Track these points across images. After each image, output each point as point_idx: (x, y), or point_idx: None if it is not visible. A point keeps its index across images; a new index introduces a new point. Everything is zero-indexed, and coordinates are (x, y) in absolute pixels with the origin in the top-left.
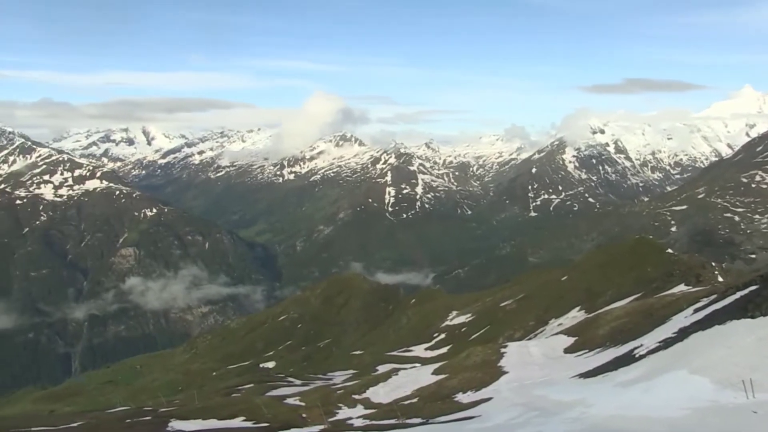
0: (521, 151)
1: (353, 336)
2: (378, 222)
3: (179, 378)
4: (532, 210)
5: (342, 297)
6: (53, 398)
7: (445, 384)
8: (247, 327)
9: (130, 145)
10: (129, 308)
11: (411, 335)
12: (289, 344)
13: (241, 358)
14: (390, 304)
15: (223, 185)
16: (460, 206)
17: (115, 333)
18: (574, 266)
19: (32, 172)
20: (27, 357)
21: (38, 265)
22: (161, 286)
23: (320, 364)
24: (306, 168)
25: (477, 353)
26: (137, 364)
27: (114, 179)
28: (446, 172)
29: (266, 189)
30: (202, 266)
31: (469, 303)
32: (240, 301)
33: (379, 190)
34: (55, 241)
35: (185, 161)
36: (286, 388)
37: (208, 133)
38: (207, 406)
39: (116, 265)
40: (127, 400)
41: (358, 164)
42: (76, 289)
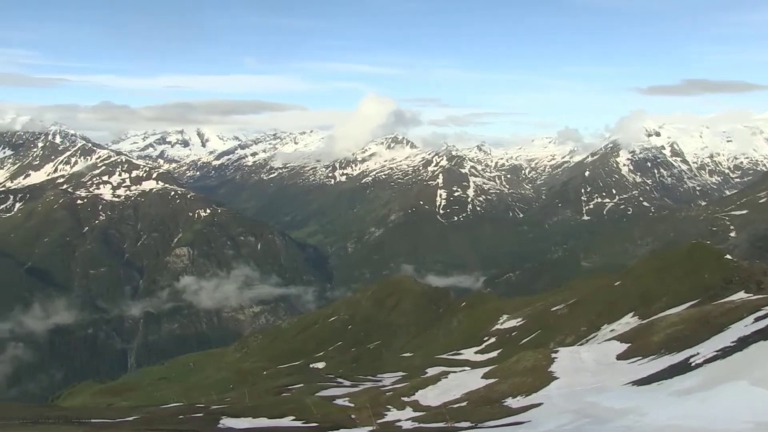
0: (574, 153)
1: (403, 338)
2: (429, 224)
3: (230, 376)
4: (584, 214)
5: (392, 299)
6: (111, 392)
7: (494, 388)
8: (297, 327)
9: (185, 146)
10: (183, 307)
11: (461, 338)
12: (339, 345)
13: (291, 358)
14: (440, 307)
15: (275, 187)
16: (512, 209)
17: (169, 331)
18: (628, 271)
19: (92, 173)
20: (86, 352)
21: (97, 263)
22: (214, 286)
23: (370, 366)
24: (358, 170)
25: (527, 358)
26: (190, 361)
27: (169, 180)
28: (498, 174)
29: (318, 190)
30: (254, 266)
31: (519, 307)
32: (291, 302)
33: (431, 193)
34: (113, 240)
35: (239, 163)
36: (335, 388)
37: (262, 135)
38: (257, 405)
39: (171, 264)
40: (180, 397)
41: (409, 166)
42: (132, 287)
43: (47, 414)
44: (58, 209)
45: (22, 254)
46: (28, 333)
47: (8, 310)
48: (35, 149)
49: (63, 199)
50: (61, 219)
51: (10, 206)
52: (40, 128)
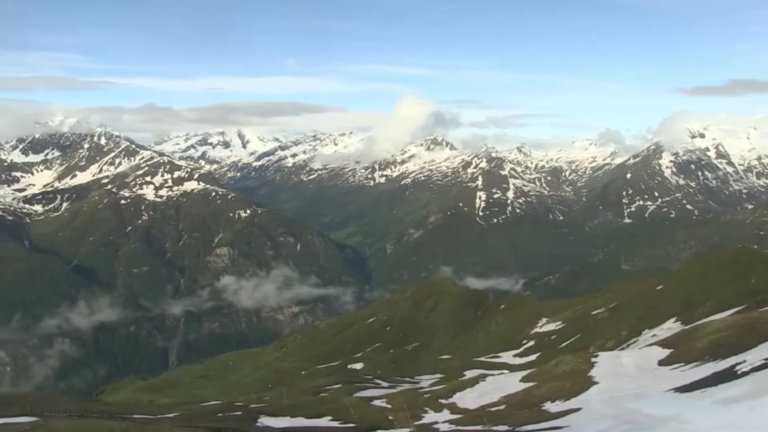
0: (615, 155)
1: (441, 340)
2: (468, 226)
3: (269, 376)
4: (626, 216)
5: (431, 301)
6: (152, 389)
7: (533, 392)
8: (336, 328)
9: (226, 148)
10: (223, 306)
11: (499, 341)
12: (377, 346)
13: (329, 359)
14: (479, 309)
15: (315, 188)
16: (552, 211)
17: (209, 329)
18: (671, 275)
19: (135, 174)
20: (129, 349)
21: (140, 262)
22: (254, 286)
23: (407, 367)
24: (397, 171)
25: (566, 362)
26: (229, 360)
27: (210, 181)
28: (538, 176)
29: (357, 192)
30: (293, 267)
31: (559, 310)
32: (330, 302)
33: (470, 195)
34: (156, 239)
35: (279, 164)
36: (373, 389)
37: (301, 136)
38: (295, 405)
39: (211, 263)
40: (219, 395)
41: (449, 168)
42: (173, 286)
43: (92, 408)
44: (102, 209)
45: (69, 252)
46: (74, 329)
47: (55, 306)
48: (81, 150)
49: (107, 199)
50: (105, 218)
51: (57, 206)
52: (86, 130)
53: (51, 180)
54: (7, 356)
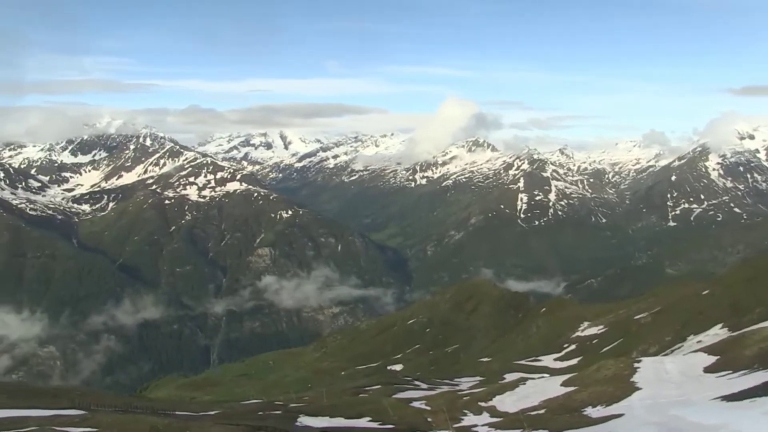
0: (660, 157)
1: (481, 342)
2: (509, 228)
3: (309, 375)
4: (670, 219)
5: (471, 303)
6: (194, 386)
7: (574, 397)
8: (376, 329)
9: (268, 149)
10: (264, 306)
11: (540, 344)
12: (417, 348)
13: (369, 359)
14: (519, 312)
15: (356, 189)
16: (594, 214)
17: (250, 329)
18: (717, 280)
19: (179, 174)
20: (172, 346)
21: (183, 262)
22: (295, 286)
23: (447, 369)
24: (438, 173)
25: (608, 367)
26: (270, 359)
27: (253, 182)
28: (580, 178)
29: (398, 193)
30: (334, 267)
31: (601, 314)
32: (370, 303)
33: (511, 196)
34: (198, 239)
35: (320, 165)
36: (412, 391)
37: (343, 137)
38: (335, 405)
39: (253, 263)
40: (259, 394)
41: (490, 170)
42: (215, 286)
43: (135, 404)
44: (147, 209)
45: (115, 251)
46: (119, 326)
47: (102, 304)
48: (127, 151)
49: (152, 199)
50: (149, 218)
51: (104, 205)
52: (132, 131)
53: (98, 180)
54: (57, 351)
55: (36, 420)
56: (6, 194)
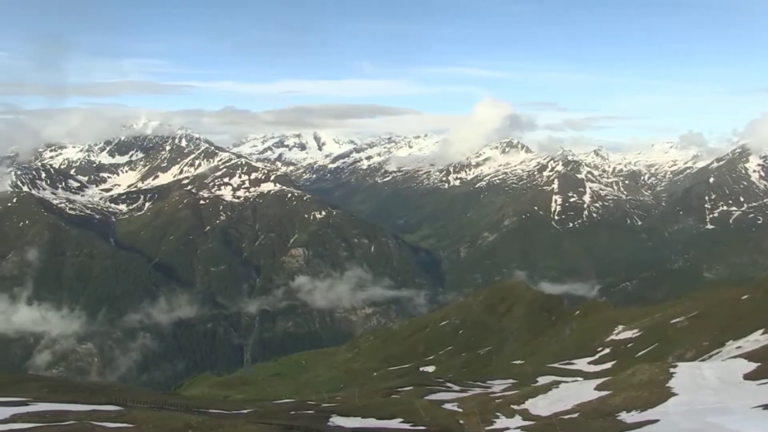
0: (698, 159)
1: (514, 345)
2: (543, 230)
3: (341, 375)
4: (708, 222)
5: (504, 305)
6: (227, 385)
7: (608, 401)
8: (409, 330)
9: (302, 150)
10: (297, 306)
11: (573, 348)
12: (449, 349)
13: (401, 360)
14: (553, 315)
15: (389, 190)
16: (630, 216)
17: (283, 328)
18: (758, 284)
19: (214, 175)
20: (206, 345)
21: (217, 261)
22: (328, 286)
23: (479, 371)
24: (472, 174)
25: (644, 371)
26: (303, 359)
27: (286, 182)
28: (615, 180)
29: (432, 194)
30: (367, 268)
31: (636, 318)
32: (403, 304)
33: (545, 198)
34: (233, 239)
35: (354, 166)
36: (444, 393)
37: (376, 138)
38: (367, 405)
39: (286, 264)
40: (291, 393)
41: (524, 171)
42: (249, 285)
43: (170, 401)
44: (182, 209)
45: (150, 251)
46: (154, 324)
47: (138, 302)
48: (163, 152)
49: (187, 199)
50: (185, 218)
51: (140, 205)
52: (168, 132)
53: (135, 180)
54: (95, 348)
55: (75, 414)
56: (47, 194)
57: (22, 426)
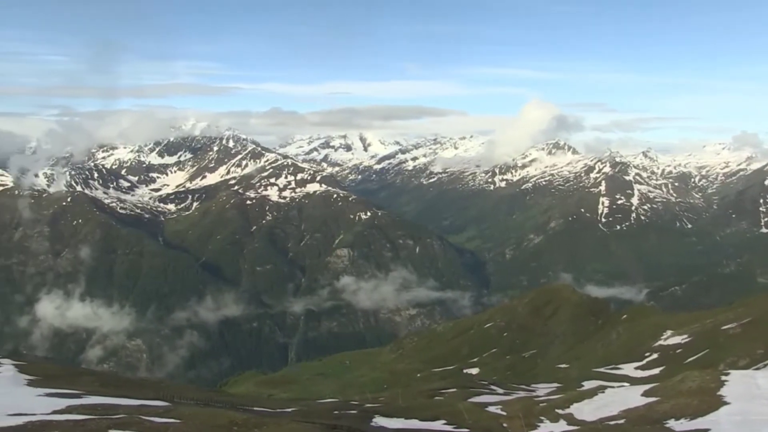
0: (752, 160)
1: (559, 348)
2: (590, 233)
3: (385, 376)
4: (762, 226)
5: (550, 308)
6: (272, 383)
7: (655, 408)
8: (453, 332)
9: (347, 151)
10: (341, 306)
11: (620, 352)
12: (493, 352)
13: (445, 362)
14: (599, 319)
15: (434, 191)
16: (679, 219)
17: (328, 328)
18: None
19: (261, 175)
20: (251, 344)
21: (263, 261)
22: (372, 287)
23: (524, 375)
24: (517, 176)
25: (693, 378)
26: (346, 359)
27: (332, 183)
28: (665, 182)
29: (477, 196)
30: (411, 269)
31: (686, 323)
32: (447, 306)
33: (592, 200)
34: (278, 239)
35: (399, 167)
36: (488, 395)
37: (422, 140)
38: (410, 406)
39: (331, 264)
40: (335, 393)
41: (570, 173)
42: (294, 285)
43: (216, 398)
44: (229, 209)
45: (198, 250)
46: (201, 322)
47: (185, 300)
48: (211, 153)
49: (234, 199)
50: (231, 218)
51: (188, 205)
52: (216, 133)
53: (183, 180)
54: (144, 344)
55: (125, 408)
56: (99, 193)
57: (76, 417)
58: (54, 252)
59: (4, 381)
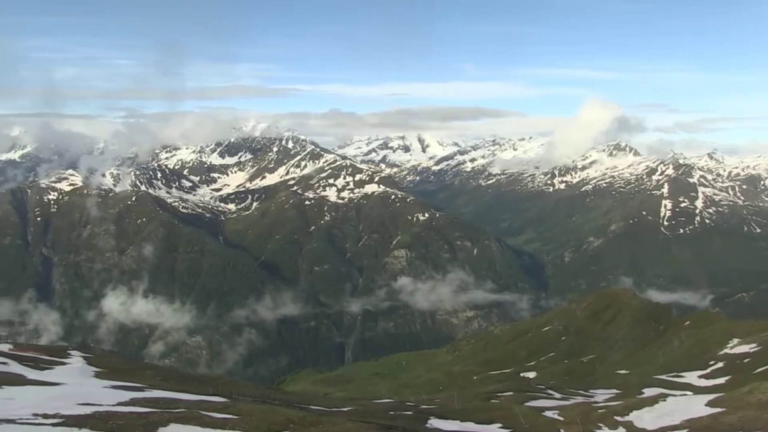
0: None
1: (619, 354)
2: (652, 236)
3: (441, 378)
4: None
5: (609, 312)
6: (328, 382)
7: (721, 419)
8: (510, 334)
9: (405, 152)
10: (398, 306)
11: (683, 360)
12: (551, 356)
13: (502, 365)
14: (661, 324)
15: (493, 193)
16: (747, 223)
17: (384, 329)
18: None
19: (319, 176)
20: (308, 343)
21: (321, 261)
22: (429, 288)
23: (582, 380)
24: (577, 178)
25: (763, 390)
26: (403, 360)
27: (390, 184)
28: (731, 185)
29: (536, 198)
30: (469, 271)
31: (754, 331)
32: (505, 308)
33: (654, 203)
34: (336, 239)
35: (457, 168)
36: (545, 400)
37: (480, 141)
38: (466, 409)
39: (389, 265)
40: (391, 393)
41: (632, 175)
42: (352, 285)
43: (273, 396)
44: (288, 209)
45: (257, 249)
46: (259, 321)
47: (244, 298)
48: (270, 153)
49: (293, 199)
50: (290, 218)
51: (248, 205)
52: (275, 134)
53: (243, 181)
54: (204, 341)
55: (185, 403)
56: (162, 193)
57: (139, 410)
58: (119, 249)
59: (74, 372)
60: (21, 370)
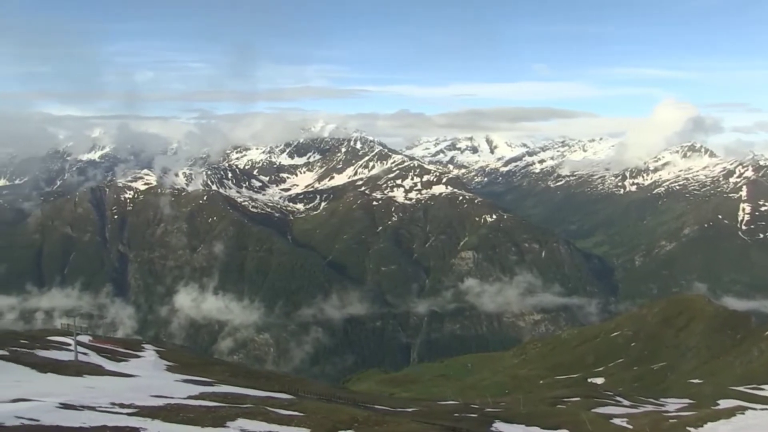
0: None
1: (692, 363)
2: (728, 241)
3: (506, 381)
4: None
5: (682, 319)
6: (393, 382)
7: None
8: (578, 339)
9: (473, 153)
10: (465, 308)
11: (763, 371)
12: (620, 362)
13: (569, 370)
14: (738, 333)
15: (562, 194)
16: None
17: (450, 330)
18: None
19: (387, 177)
20: (374, 342)
21: (388, 261)
22: (496, 290)
23: (652, 388)
24: (649, 180)
25: None
26: (468, 362)
27: (458, 185)
28: None
29: (606, 200)
30: (536, 274)
31: None
32: (573, 312)
33: (731, 206)
34: (404, 240)
35: (526, 170)
36: (613, 407)
37: (549, 142)
38: (531, 413)
39: (456, 266)
40: (456, 395)
41: (707, 177)
42: (419, 286)
43: (338, 394)
44: (356, 209)
45: (324, 248)
46: (326, 319)
47: (311, 297)
48: (339, 154)
49: (361, 200)
50: (358, 218)
51: (316, 205)
52: (344, 135)
53: (311, 181)
54: (271, 338)
55: (253, 399)
56: (232, 192)
57: (209, 404)
58: (191, 247)
59: (147, 365)
60: (100, 361)
